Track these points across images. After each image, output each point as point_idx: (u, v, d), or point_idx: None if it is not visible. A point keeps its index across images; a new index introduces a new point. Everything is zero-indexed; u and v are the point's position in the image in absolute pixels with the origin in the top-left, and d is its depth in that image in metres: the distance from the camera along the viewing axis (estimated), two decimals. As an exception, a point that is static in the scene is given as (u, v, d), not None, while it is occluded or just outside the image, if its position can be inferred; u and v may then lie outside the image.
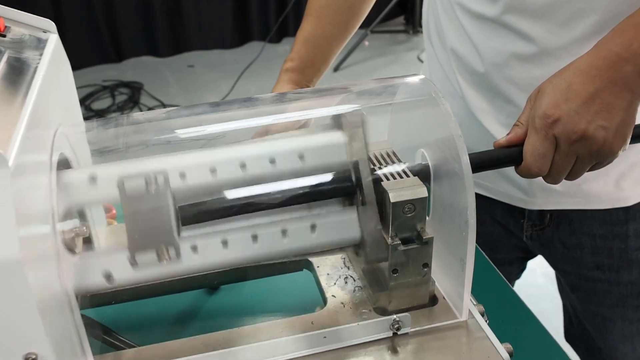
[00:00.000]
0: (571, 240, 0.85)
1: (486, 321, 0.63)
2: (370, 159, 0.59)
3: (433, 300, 0.59)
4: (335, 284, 0.62)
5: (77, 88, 0.62)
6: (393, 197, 0.53)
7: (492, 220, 0.91)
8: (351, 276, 0.63)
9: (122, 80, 3.27)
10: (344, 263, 0.65)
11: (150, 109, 3.01)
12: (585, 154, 0.59)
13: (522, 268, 1.04)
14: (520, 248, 0.94)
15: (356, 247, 0.58)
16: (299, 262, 0.66)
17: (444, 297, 0.60)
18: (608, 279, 0.86)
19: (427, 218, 0.56)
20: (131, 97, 3.09)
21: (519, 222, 0.88)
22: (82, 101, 3.03)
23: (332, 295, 0.60)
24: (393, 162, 0.59)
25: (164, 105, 3.05)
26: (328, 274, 0.63)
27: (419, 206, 0.54)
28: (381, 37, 3.72)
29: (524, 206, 0.84)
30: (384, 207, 0.55)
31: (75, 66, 0.67)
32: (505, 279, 0.81)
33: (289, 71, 0.83)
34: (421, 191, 0.54)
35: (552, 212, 0.84)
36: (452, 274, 0.58)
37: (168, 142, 0.53)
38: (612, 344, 0.92)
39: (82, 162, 0.56)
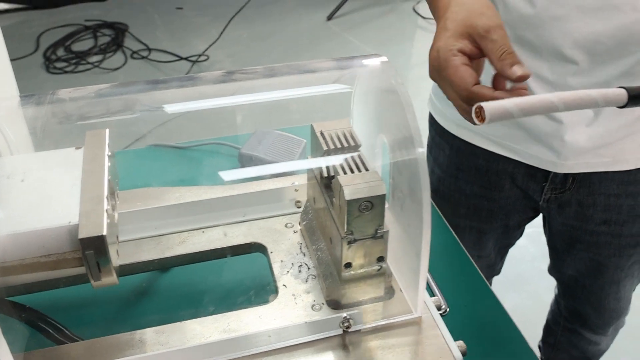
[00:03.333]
0: (587, 200, 0.86)
1: (445, 312, 0.61)
2: (327, 145, 0.55)
3: (389, 293, 0.57)
4: (288, 272, 0.59)
5: (57, 27, 0.56)
6: (349, 194, 0.49)
7: (511, 185, 0.90)
8: (306, 264, 0.60)
9: (105, 20, 3.15)
10: (300, 249, 0.62)
11: (134, 52, 2.91)
12: None
13: (523, 230, 1.05)
14: (532, 210, 0.95)
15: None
16: (252, 245, 0.63)
17: (400, 290, 0.57)
18: (612, 232, 0.88)
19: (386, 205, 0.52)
20: (115, 39, 2.99)
21: (540, 185, 0.87)
22: (62, 42, 2.92)
23: (284, 285, 0.57)
24: (350, 146, 0.55)
25: (148, 49, 2.94)
26: (282, 261, 0.60)
27: (377, 203, 0.50)
28: (377, -15, 3.58)
29: (552, 169, 0.83)
30: (339, 201, 0.51)
31: (56, 3, 0.60)
32: (482, 274, 0.79)
33: None
34: (379, 188, 0.50)
35: (576, 176, 0.84)
36: (410, 266, 0.55)
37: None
38: (599, 285, 0.98)
39: (16, 144, 0.52)
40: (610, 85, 0.74)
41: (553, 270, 1.07)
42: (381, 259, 0.54)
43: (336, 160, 0.54)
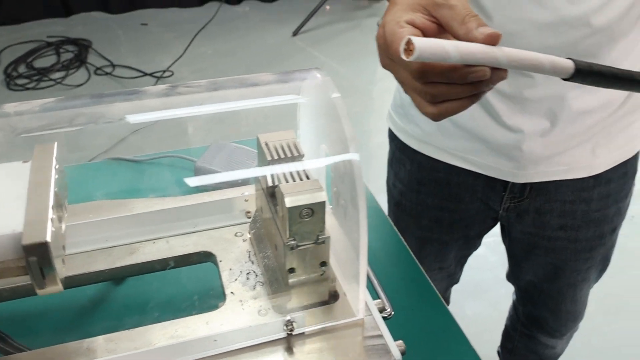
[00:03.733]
0: (544, 207, 0.90)
1: (390, 315, 0.63)
2: (271, 155, 0.57)
3: (334, 297, 0.59)
4: (236, 279, 0.61)
5: (19, 44, 0.57)
6: (289, 202, 0.52)
7: (471, 197, 0.93)
8: (254, 271, 0.62)
9: (68, 36, 3.13)
10: (249, 257, 0.63)
11: (98, 68, 2.90)
12: None
13: (481, 240, 1.08)
14: (492, 220, 0.98)
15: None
16: (201, 254, 0.64)
17: (344, 294, 0.59)
18: (568, 238, 0.93)
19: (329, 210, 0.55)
20: (78, 55, 2.97)
21: (499, 195, 0.90)
22: (24, 58, 2.90)
23: (232, 292, 0.59)
24: (294, 156, 0.57)
25: (112, 65, 2.94)
26: (230, 269, 0.62)
27: (317, 210, 0.53)
28: (342, 2, 3.65)
29: (511, 179, 0.86)
30: (281, 209, 0.53)
31: (18, 19, 0.61)
32: (429, 281, 0.81)
33: None
34: (319, 195, 0.53)
35: (533, 184, 0.87)
36: (353, 271, 0.57)
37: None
38: (557, 289, 1.03)
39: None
40: (565, 96, 0.77)
41: (512, 276, 1.11)
42: (324, 263, 0.56)
43: (280, 169, 0.56)
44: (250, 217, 0.68)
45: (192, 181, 0.74)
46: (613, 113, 0.82)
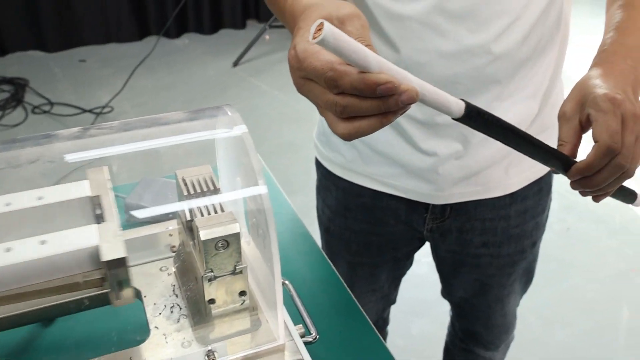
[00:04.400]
0: (466, 226, 0.94)
1: (315, 339, 0.65)
2: (187, 191, 0.59)
3: (256, 324, 0.61)
4: (160, 314, 0.62)
5: None
6: (204, 235, 0.54)
7: (396, 220, 0.96)
8: (178, 304, 0.63)
9: (4, 76, 3.07)
10: (173, 290, 0.65)
11: (36, 107, 2.85)
12: None
13: (412, 260, 1.12)
14: (417, 241, 1.01)
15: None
16: (127, 292, 0.65)
17: (267, 321, 0.61)
18: (491, 254, 0.97)
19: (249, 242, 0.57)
20: (14, 94, 2.92)
21: (422, 217, 0.94)
22: (-44, 100, 2.83)
23: (156, 327, 0.60)
24: (209, 190, 0.59)
25: (50, 104, 2.89)
26: (155, 304, 0.63)
27: (232, 241, 0.55)
28: (281, 31, 3.72)
29: (430, 201, 0.90)
30: (198, 242, 0.55)
31: None
32: (360, 306, 0.83)
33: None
34: (233, 227, 0.55)
35: (453, 205, 0.91)
36: (274, 297, 0.59)
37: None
38: (486, 303, 1.07)
39: None
40: None
41: (445, 293, 1.15)
42: (243, 293, 0.58)
43: (196, 204, 0.58)
44: (175, 251, 0.70)
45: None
46: None
